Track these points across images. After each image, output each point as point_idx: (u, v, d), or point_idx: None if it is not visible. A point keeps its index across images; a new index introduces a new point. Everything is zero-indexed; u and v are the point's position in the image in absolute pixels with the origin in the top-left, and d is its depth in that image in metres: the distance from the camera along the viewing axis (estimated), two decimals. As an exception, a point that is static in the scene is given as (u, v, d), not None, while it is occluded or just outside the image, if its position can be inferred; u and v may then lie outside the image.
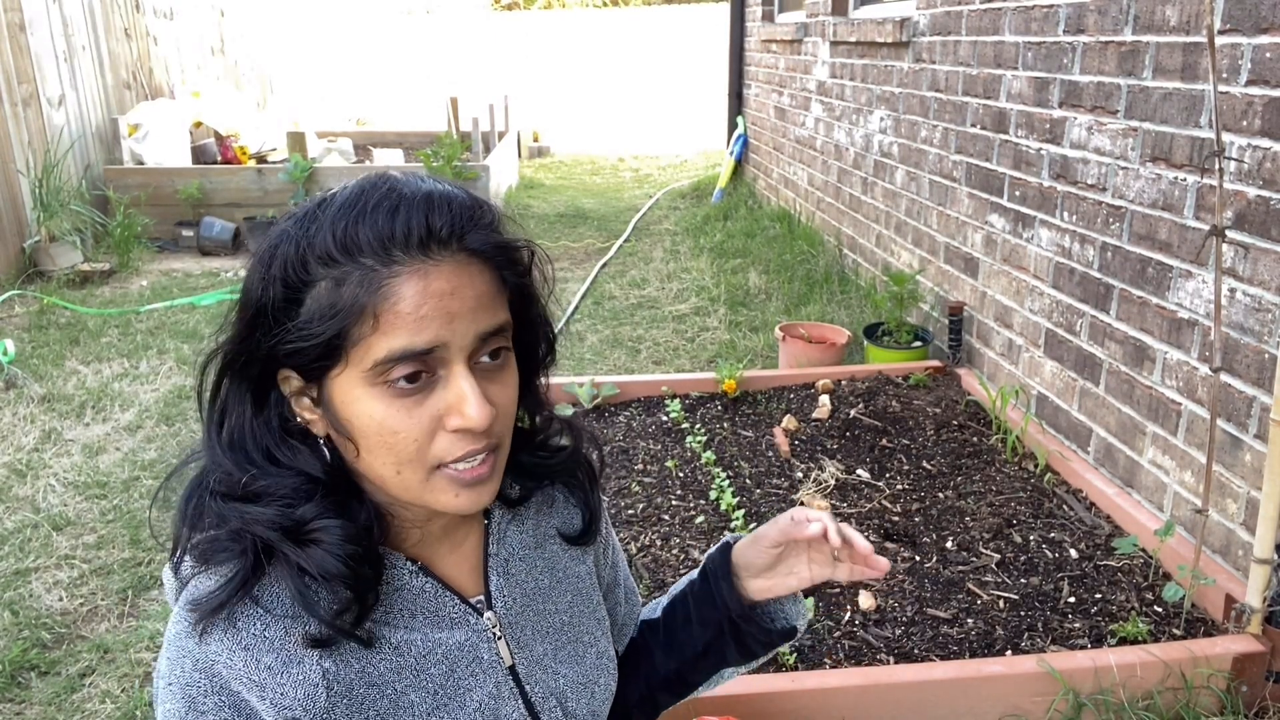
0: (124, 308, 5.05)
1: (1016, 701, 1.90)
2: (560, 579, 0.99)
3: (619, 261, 6.10)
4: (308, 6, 12.23)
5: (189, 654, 0.79)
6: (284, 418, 0.82)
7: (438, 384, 0.77)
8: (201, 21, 8.65)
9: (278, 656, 0.79)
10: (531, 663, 0.94)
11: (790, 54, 6.21)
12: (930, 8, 3.85)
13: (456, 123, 8.37)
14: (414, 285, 0.74)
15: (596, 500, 1.02)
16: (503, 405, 0.81)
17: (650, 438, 3.08)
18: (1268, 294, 2.04)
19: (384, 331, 0.74)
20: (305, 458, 0.82)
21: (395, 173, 0.82)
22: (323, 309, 0.75)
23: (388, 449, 0.78)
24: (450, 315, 0.76)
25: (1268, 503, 1.89)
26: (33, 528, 2.92)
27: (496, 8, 22.24)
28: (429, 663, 0.86)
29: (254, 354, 0.79)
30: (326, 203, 0.78)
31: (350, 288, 0.74)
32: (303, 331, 0.76)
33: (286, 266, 0.76)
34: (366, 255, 0.75)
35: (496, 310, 0.80)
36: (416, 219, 0.76)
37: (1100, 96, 2.65)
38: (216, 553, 0.79)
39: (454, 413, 0.77)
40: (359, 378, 0.76)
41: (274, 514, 0.79)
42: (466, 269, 0.77)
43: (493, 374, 0.81)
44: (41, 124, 5.77)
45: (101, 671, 2.31)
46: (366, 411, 0.77)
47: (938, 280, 3.87)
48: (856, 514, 2.57)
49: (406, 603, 0.87)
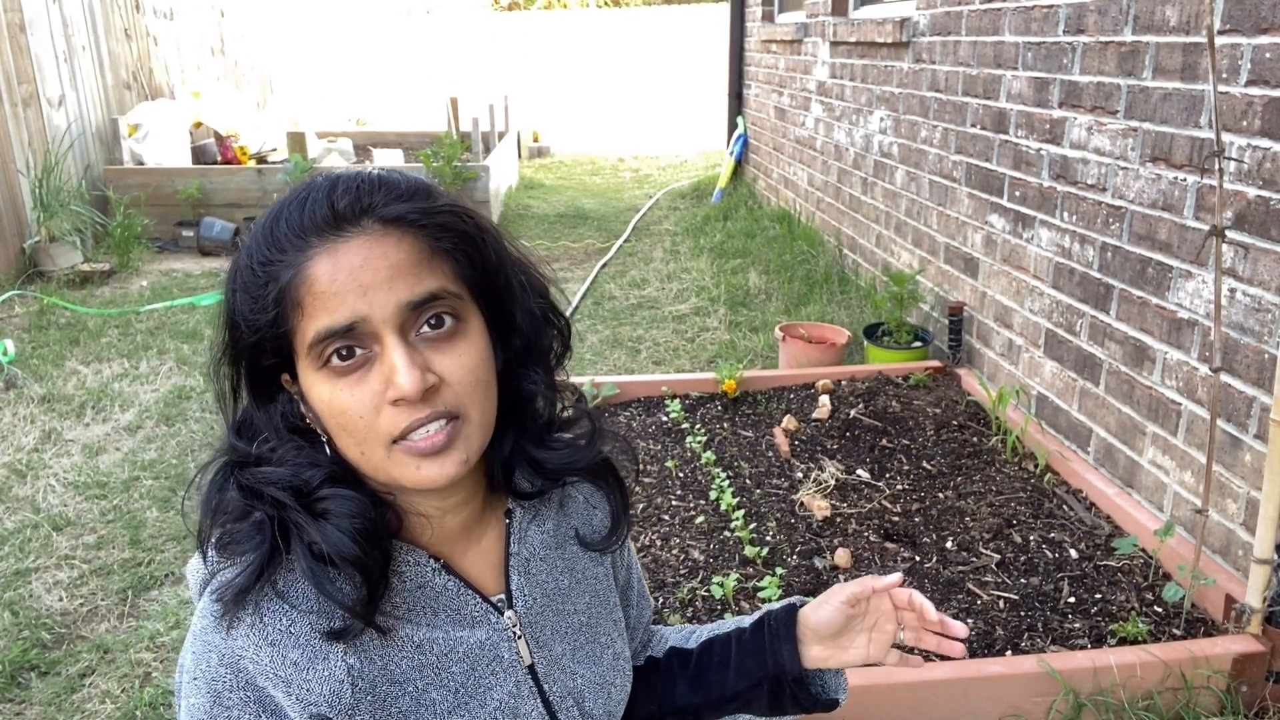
0: (124, 308, 5.05)
1: (1016, 702, 1.90)
2: (579, 579, 0.99)
3: (619, 261, 6.10)
4: (308, 6, 12.23)
5: (215, 648, 0.79)
6: (289, 419, 0.84)
7: (375, 359, 0.78)
8: (201, 21, 8.65)
9: (304, 652, 0.79)
10: (550, 662, 0.94)
11: (790, 54, 6.21)
12: (930, 8, 3.85)
13: (456, 123, 8.37)
14: (325, 264, 0.76)
15: (621, 506, 1.01)
16: (453, 374, 0.80)
17: (650, 438, 3.08)
18: (1268, 294, 2.04)
19: (308, 314, 0.77)
20: (309, 453, 0.83)
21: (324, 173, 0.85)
22: (268, 304, 0.78)
23: (343, 429, 0.79)
24: (364, 287, 0.76)
25: (1268, 503, 1.89)
26: (33, 528, 2.92)
27: (496, 8, 22.24)
28: (450, 661, 0.87)
29: (234, 356, 0.83)
30: (266, 212, 0.83)
31: (281, 279, 0.77)
32: (251, 325, 0.79)
33: (241, 276, 0.80)
34: (287, 248, 0.78)
35: (423, 277, 0.79)
36: (320, 203, 0.78)
37: (1100, 96, 2.65)
38: (238, 543, 0.81)
39: (390, 384, 0.77)
40: (307, 364, 0.79)
41: (286, 472, 0.81)
42: (381, 240, 0.78)
43: (438, 343, 0.80)
44: (41, 124, 5.77)
45: (101, 671, 2.31)
46: (318, 395, 0.79)
47: (938, 280, 3.86)
48: (856, 514, 2.57)
49: (429, 600, 0.87)
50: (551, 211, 7.83)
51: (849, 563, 2.34)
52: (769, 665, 1.03)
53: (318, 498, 0.81)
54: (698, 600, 2.22)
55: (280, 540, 0.80)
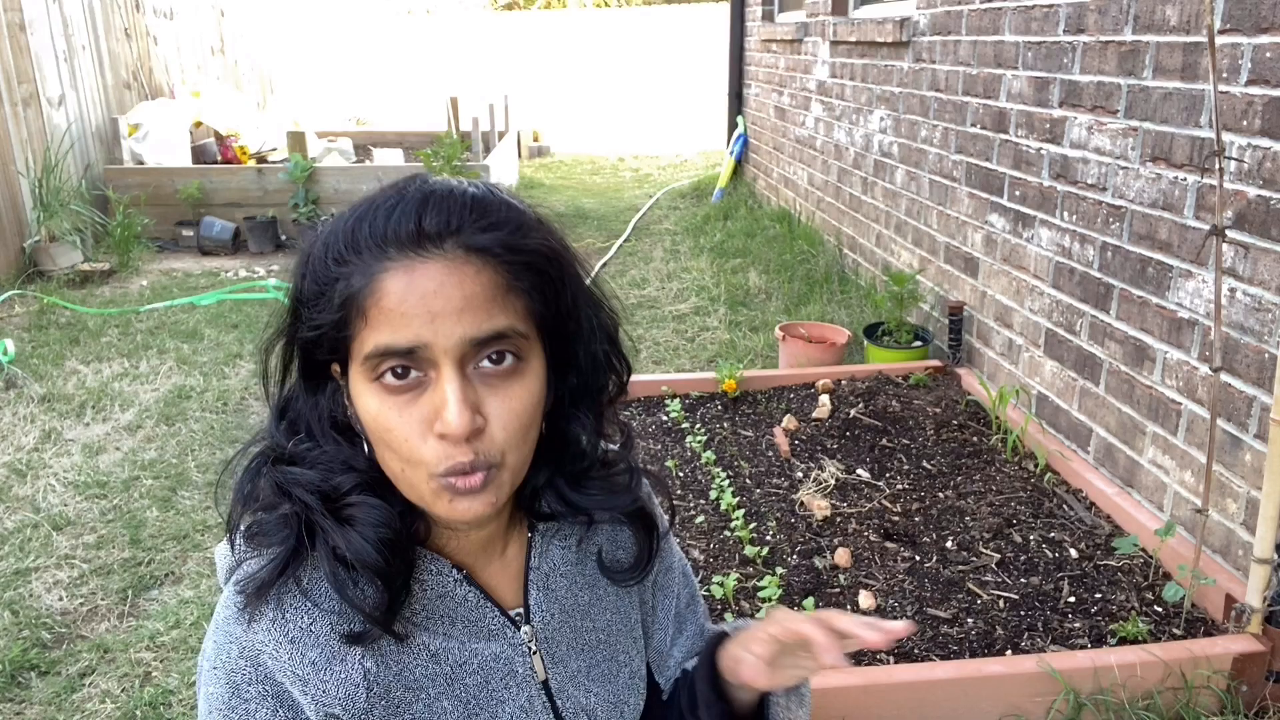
0: (124, 308, 5.05)
1: (1016, 701, 1.90)
2: (600, 596, 0.98)
3: (619, 261, 6.10)
4: (308, 6, 12.23)
5: (236, 640, 0.79)
6: (333, 411, 0.84)
7: (429, 385, 0.76)
8: (201, 21, 8.65)
9: (322, 652, 0.80)
10: (565, 679, 0.93)
11: (790, 54, 6.21)
12: (930, 8, 3.85)
13: (456, 123, 8.37)
14: (399, 281, 0.74)
15: (648, 553, 0.97)
16: (500, 417, 0.77)
17: (650, 438, 3.08)
18: (1268, 294, 2.04)
19: (371, 326, 0.75)
20: (347, 451, 0.82)
21: (424, 175, 0.82)
22: (333, 302, 0.76)
23: (386, 446, 0.78)
24: (432, 314, 0.74)
25: (1268, 503, 1.89)
26: (33, 528, 2.92)
27: (496, 8, 22.23)
28: (464, 672, 0.86)
29: (290, 342, 0.82)
30: (355, 204, 0.80)
31: (353, 282, 0.75)
32: (313, 321, 0.78)
33: (314, 263, 0.79)
34: (365, 253, 0.75)
35: (494, 313, 0.76)
36: (408, 216, 0.76)
37: (1100, 96, 2.65)
38: (265, 535, 0.81)
39: (438, 415, 0.75)
40: (359, 372, 0.77)
41: (315, 476, 0.80)
42: (460, 268, 0.75)
43: (495, 382, 0.77)
44: (41, 124, 5.77)
45: (101, 671, 2.31)
46: (365, 406, 0.77)
47: (938, 280, 3.86)
48: (856, 513, 2.57)
49: (448, 609, 0.86)
50: (551, 211, 7.67)
51: (849, 562, 2.34)
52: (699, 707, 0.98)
53: (346, 503, 0.80)
54: (698, 600, 2.22)
55: (307, 537, 0.79)
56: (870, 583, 2.27)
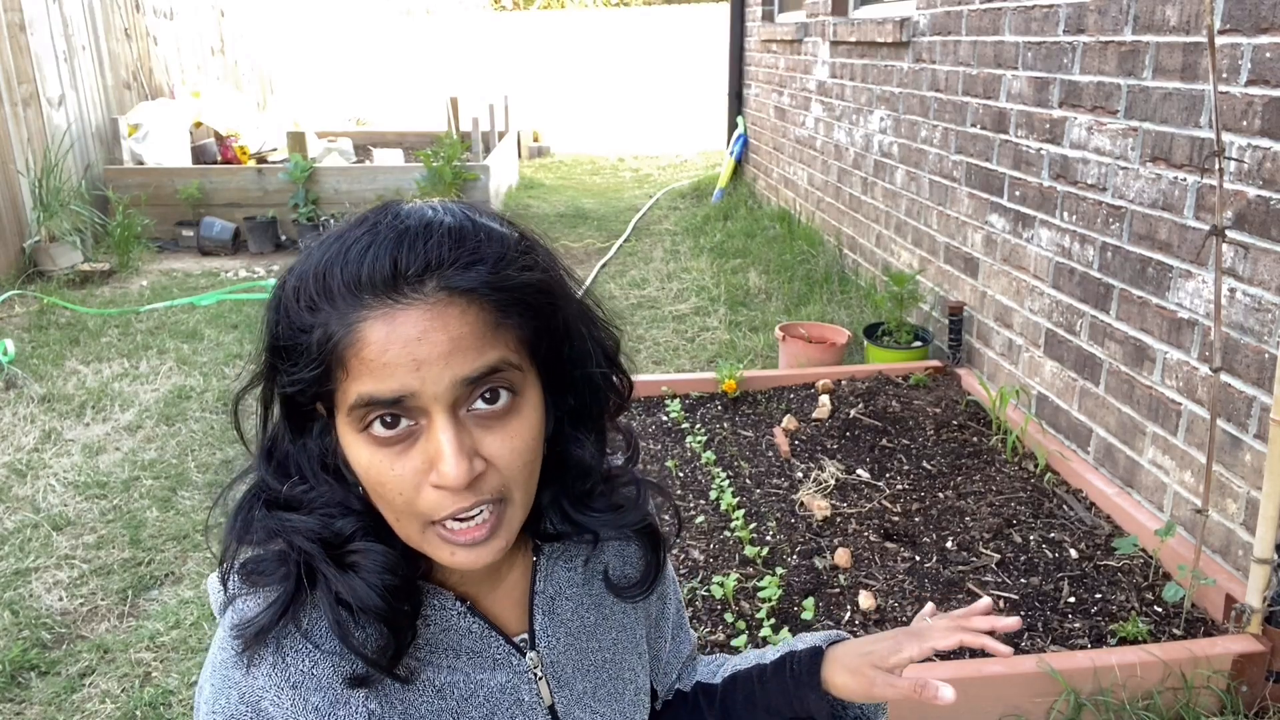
0: (124, 308, 5.05)
1: (1016, 702, 1.90)
2: (606, 615, 0.96)
3: (619, 261, 6.10)
4: (308, 6, 12.23)
5: (235, 685, 0.77)
6: (323, 453, 0.79)
7: (420, 433, 0.72)
8: (201, 21, 8.65)
9: (325, 696, 0.77)
10: (571, 701, 0.91)
11: (790, 54, 6.21)
12: (930, 8, 3.85)
13: (456, 123, 8.37)
14: (379, 330, 0.69)
15: (653, 569, 0.96)
16: (503, 458, 0.74)
17: (650, 438, 3.08)
18: (1268, 294, 2.04)
19: (353, 377, 0.70)
20: (341, 494, 0.79)
21: (396, 203, 0.77)
22: (312, 351, 0.71)
23: (379, 498, 0.75)
24: (417, 362, 0.69)
25: (1268, 503, 1.89)
26: (33, 528, 2.92)
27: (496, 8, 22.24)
28: (471, 705, 0.84)
29: (270, 389, 0.78)
30: (325, 239, 0.75)
31: (330, 330, 0.71)
32: (293, 375, 0.73)
33: (287, 304, 0.74)
34: (338, 300, 0.71)
35: (484, 350, 0.71)
36: (382, 259, 0.70)
37: (1100, 96, 2.65)
38: (262, 574, 0.77)
39: (433, 466, 0.71)
40: (346, 423, 0.73)
41: (315, 523, 0.76)
42: (443, 311, 0.70)
43: (490, 421, 0.73)
44: (41, 124, 5.77)
45: (101, 671, 2.31)
46: (355, 457, 0.74)
47: (938, 280, 3.86)
48: (856, 514, 2.57)
49: (452, 642, 0.84)
50: (551, 211, 7.83)
51: (849, 562, 2.34)
52: (796, 708, 0.99)
53: (349, 550, 0.77)
54: (698, 600, 2.22)
55: (306, 579, 0.76)
56: (870, 583, 2.27)
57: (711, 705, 1.08)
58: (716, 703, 1.07)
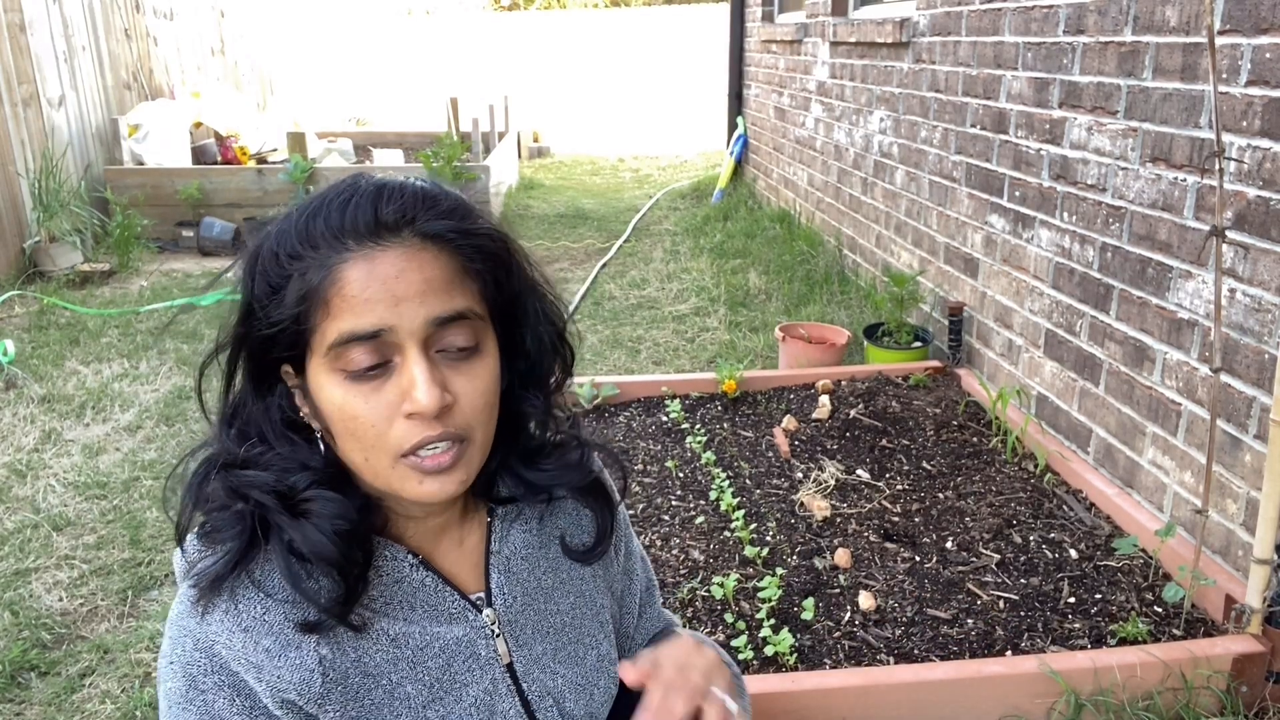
0: (124, 308, 5.05)
1: (1016, 702, 1.90)
2: (564, 580, 0.99)
3: (619, 261, 6.10)
4: (308, 7, 12.23)
5: (190, 633, 0.81)
6: (285, 412, 0.85)
7: (394, 370, 0.78)
8: (201, 22, 8.65)
9: (276, 640, 0.80)
10: (529, 661, 0.94)
11: (790, 54, 6.22)
12: (930, 8, 3.85)
13: (456, 123, 8.37)
14: (360, 269, 0.77)
15: (607, 524, 1.00)
16: (467, 396, 0.81)
17: (650, 438, 3.08)
18: (1268, 294, 2.04)
19: (334, 315, 0.77)
20: (301, 449, 0.84)
21: (368, 174, 0.85)
22: (290, 298, 0.78)
23: (351, 434, 0.80)
24: (396, 298, 0.76)
25: (1268, 503, 1.89)
26: (33, 528, 2.92)
27: (496, 8, 22.26)
28: (426, 655, 0.87)
29: (244, 345, 0.83)
30: (302, 203, 0.82)
31: (309, 276, 0.77)
32: (271, 319, 0.79)
33: (264, 263, 0.80)
34: (322, 246, 0.78)
35: (454, 295, 0.79)
36: (364, 208, 0.79)
37: (1100, 97, 2.65)
38: (219, 531, 0.82)
39: (406, 397, 0.78)
40: (321, 364, 0.79)
41: (270, 477, 0.82)
42: (418, 254, 0.78)
43: (457, 363, 0.81)
44: (41, 124, 5.77)
45: (101, 671, 2.31)
46: (329, 397, 0.79)
47: (938, 280, 3.87)
48: (856, 514, 2.57)
49: (406, 595, 0.88)
50: (551, 211, 7.83)
51: (849, 563, 2.34)
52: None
53: (302, 499, 0.81)
54: (698, 600, 2.22)
55: (260, 531, 0.81)
56: (870, 583, 2.27)
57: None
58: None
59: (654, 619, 1.14)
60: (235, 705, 0.80)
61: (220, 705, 0.80)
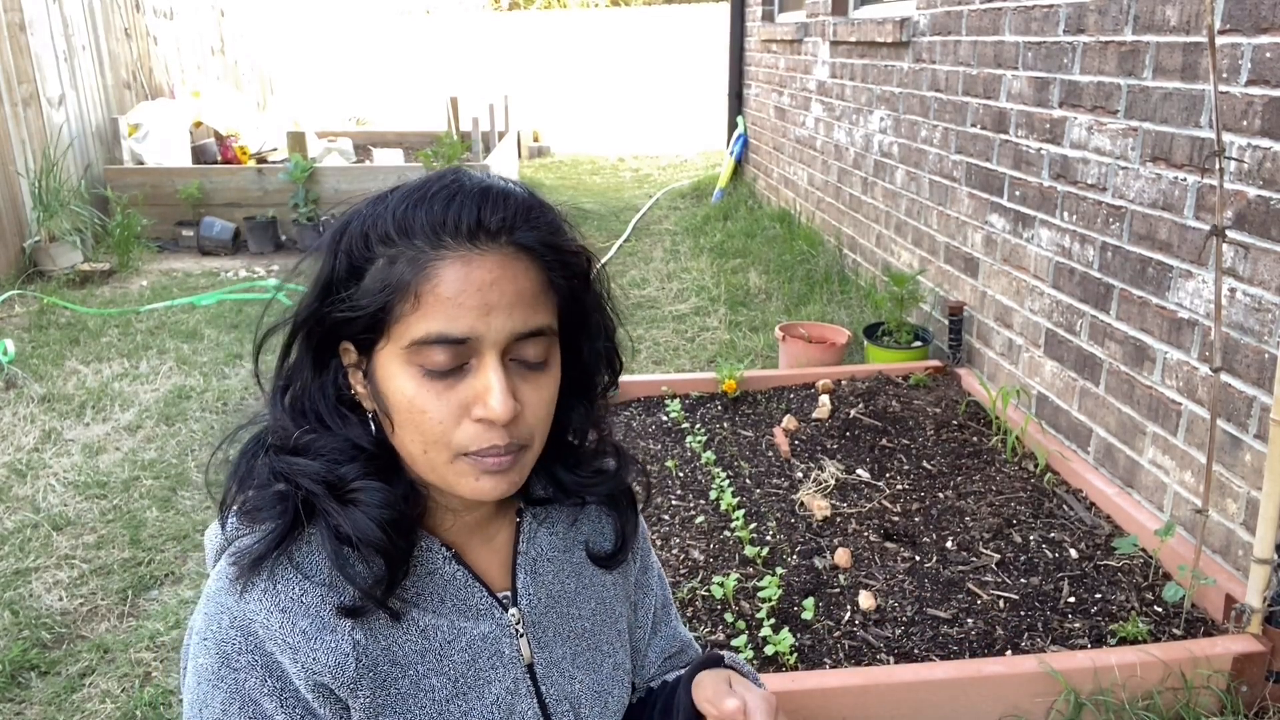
0: (124, 308, 5.05)
1: (1016, 701, 1.90)
2: (586, 585, 0.99)
3: (619, 261, 6.10)
4: (308, 6, 12.23)
5: (227, 610, 0.81)
6: (340, 389, 0.85)
7: (469, 372, 0.79)
8: (201, 21, 8.65)
9: (313, 622, 0.81)
10: (549, 664, 0.94)
11: (790, 54, 6.21)
12: (930, 8, 3.85)
13: (456, 123, 8.36)
14: (456, 271, 0.77)
15: (632, 529, 1.02)
16: (533, 407, 0.82)
17: (650, 438, 3.08)
18: (1268, 294, 2.04)
19: (423, 313, 0.77)
20: (354, 428, 0.84)
21: (464, 169, 0.85)
22: (375, 284, 0.78)
23: (415, 427, 0.80)
24: (488, 307, 0.77)
25: (1268, 503, 1.89)
26: (33, 528, 2.92)
27: (496, 8, 22.26)
28: (452, 650, 0.88)
29: (317, 321, 0.83)
30: (398, 188, 0.82)
31: (399, 266, 0.78)
32: (354, 302, 0.79)
33: (352, 242, 0.80)
34: (418, 238, 0.78)
35: (538, 310, 0.80)
36: (468, 209, 0.79)
37: (1100, 96, 2.65)
38: (260, 510, 0.82)
39: (479, 402, 0.78)
40: (397, 354, 0.79)
41: (320, 467, 0.82)
42: (512, 263, 0.79)
43: (527, 374, 0.82)
44: (41, 124, 5.77)
45: (101, 671, 2.31)
46: (399, 388, 0.79)
47: (938, 280, 3.86)
48: (856, 514, 2.57)
49: (438, 588, 0.88)
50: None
51: (849, 562, 2.34)
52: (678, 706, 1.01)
53: (350, 489, 0.82)
54: (698, 600, 2.22)
55: (303, 513, 0.81)
56: (870, 583, 2.27)
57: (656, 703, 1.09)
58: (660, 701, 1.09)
59: (670, 638, 1.13)
60: (266, 686, 0.80)
61: (251, 684, 0.80)
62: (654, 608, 1.11)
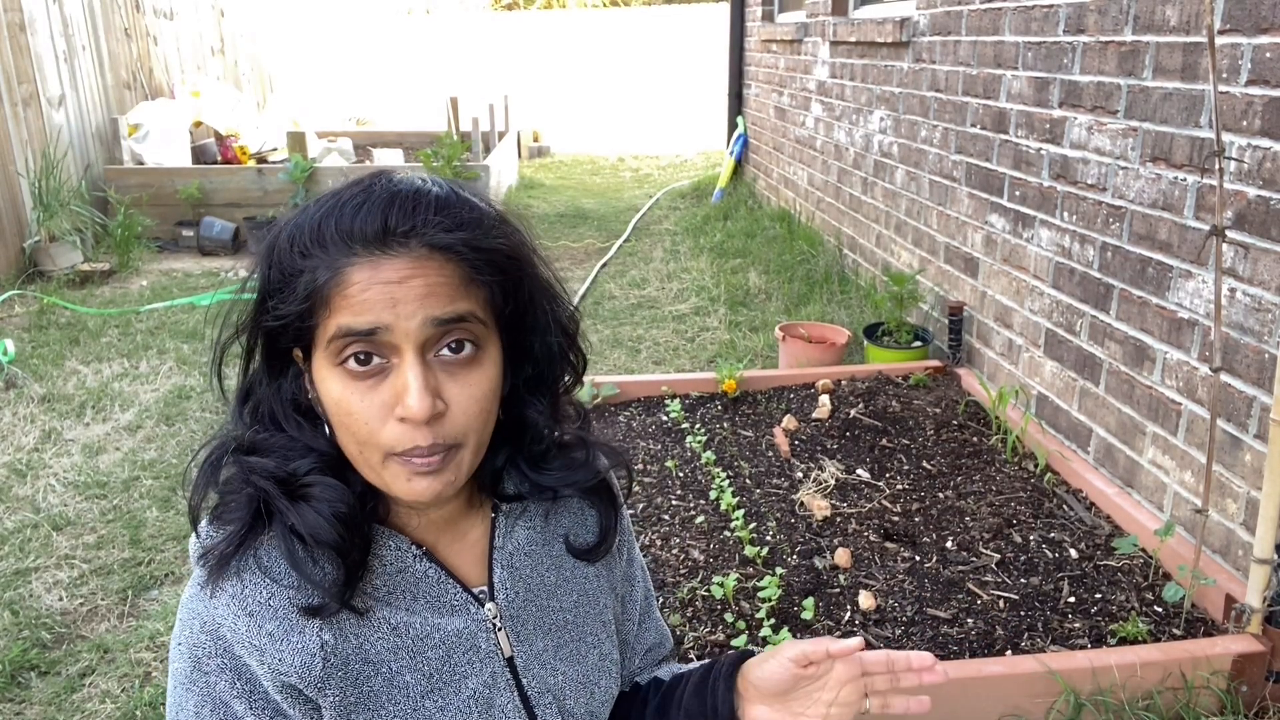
0: (124, 308, 5.05)
1: (1016, 701, 1.90)
2: (567, 578, 0.99)
3: (619, 261, 6.10)
4: (308, 6, 12.23)
5: (198, 615, 0.82)
6: (295, 394, 0.87)
7: (390, 370, 0.79)
8: (201, 21, 8.65)
9: (280, 624, 0.82)
10: (530, 657, 0.94)
11: (790, 54, 6.21)
12: (930, 8, 3.85)
13: (456, 123, 8.36)
14: (363, 273, 0.77)
15: (612, 523, 1.01)
16: (460, 403, 0.81)
17: (650, 438, 3.08)
18: (1268, 294, 2.04)
19: (334, 312, 0.78)
20: (308, 433, 0.85)
21: (390, 171, 0.85)
22: (300, 292, 0.79)
23: (346, 429, 0.81)
24: (394, 300, 0.77)
25: (1268, 503, 1.89)
26: (33, 528, 2.92)
27: (496, 8, 22.26)
28: (426, 646, 0.88)
29: (255, 330, 0.85)
30: (322, 196, 0.84)
31: (319, 274, 0.79)
32: (278, 311, 0.81)
33: (280, 253, 0.82)
34: (330, 247, 0.79)
35: (455, 300, 0.79)
36: (374, 217, 0.79)
37: (1100, 96, 2.65)
38: (228, 513, 0.84)
39: (399, 401, 0.79)
40: (323, 358, 0.80)
41: (272, 464, 0.83)
42: (424, 263, 0.78)
43: (454, 369, 0.81)
44: (41, 124, 5.77)
45: (101, 671, 2.31)
46: (328, 390, 0.81)
47: (938, 280, 3.86)
48: (856, 514, 2.57)
49: (409, 585, 0.89)
50: (551, 211, 7.83)
51: (849, 562, 2.34)
52: (706, 706, 1.01)
53: (303, 484, 0.83)
54: (698, 600, 2.22)
55: (265, 513, 0.83)
56: (870, 583, 2.27)
57: (653, 698, 1.10)
58: (658, 696, 1.09)
59: (652, 629, 1.14)
60: (236, 689, 0.81)
61: (222, 688, 0.81)
62: (640, 600, 1.11)
